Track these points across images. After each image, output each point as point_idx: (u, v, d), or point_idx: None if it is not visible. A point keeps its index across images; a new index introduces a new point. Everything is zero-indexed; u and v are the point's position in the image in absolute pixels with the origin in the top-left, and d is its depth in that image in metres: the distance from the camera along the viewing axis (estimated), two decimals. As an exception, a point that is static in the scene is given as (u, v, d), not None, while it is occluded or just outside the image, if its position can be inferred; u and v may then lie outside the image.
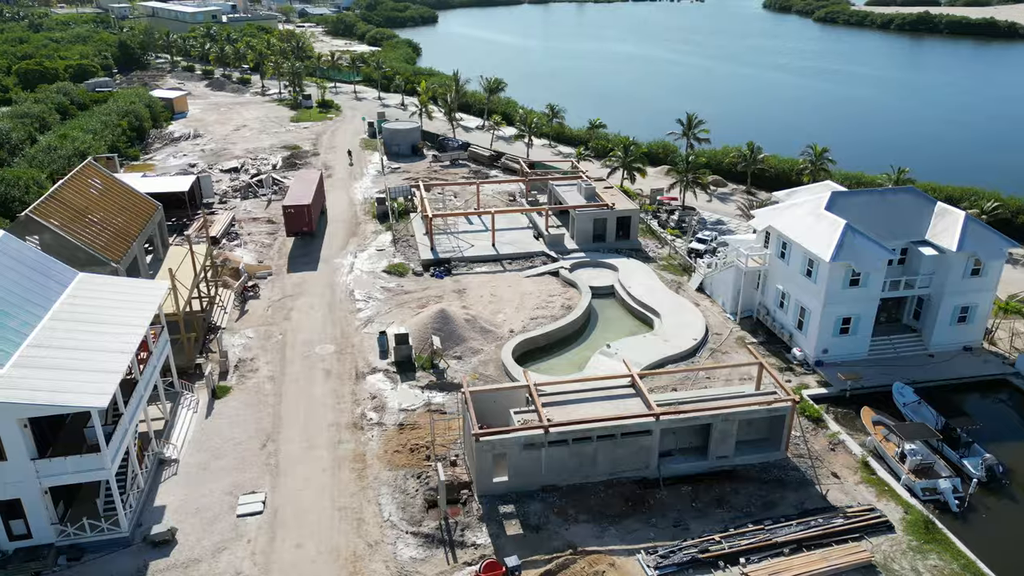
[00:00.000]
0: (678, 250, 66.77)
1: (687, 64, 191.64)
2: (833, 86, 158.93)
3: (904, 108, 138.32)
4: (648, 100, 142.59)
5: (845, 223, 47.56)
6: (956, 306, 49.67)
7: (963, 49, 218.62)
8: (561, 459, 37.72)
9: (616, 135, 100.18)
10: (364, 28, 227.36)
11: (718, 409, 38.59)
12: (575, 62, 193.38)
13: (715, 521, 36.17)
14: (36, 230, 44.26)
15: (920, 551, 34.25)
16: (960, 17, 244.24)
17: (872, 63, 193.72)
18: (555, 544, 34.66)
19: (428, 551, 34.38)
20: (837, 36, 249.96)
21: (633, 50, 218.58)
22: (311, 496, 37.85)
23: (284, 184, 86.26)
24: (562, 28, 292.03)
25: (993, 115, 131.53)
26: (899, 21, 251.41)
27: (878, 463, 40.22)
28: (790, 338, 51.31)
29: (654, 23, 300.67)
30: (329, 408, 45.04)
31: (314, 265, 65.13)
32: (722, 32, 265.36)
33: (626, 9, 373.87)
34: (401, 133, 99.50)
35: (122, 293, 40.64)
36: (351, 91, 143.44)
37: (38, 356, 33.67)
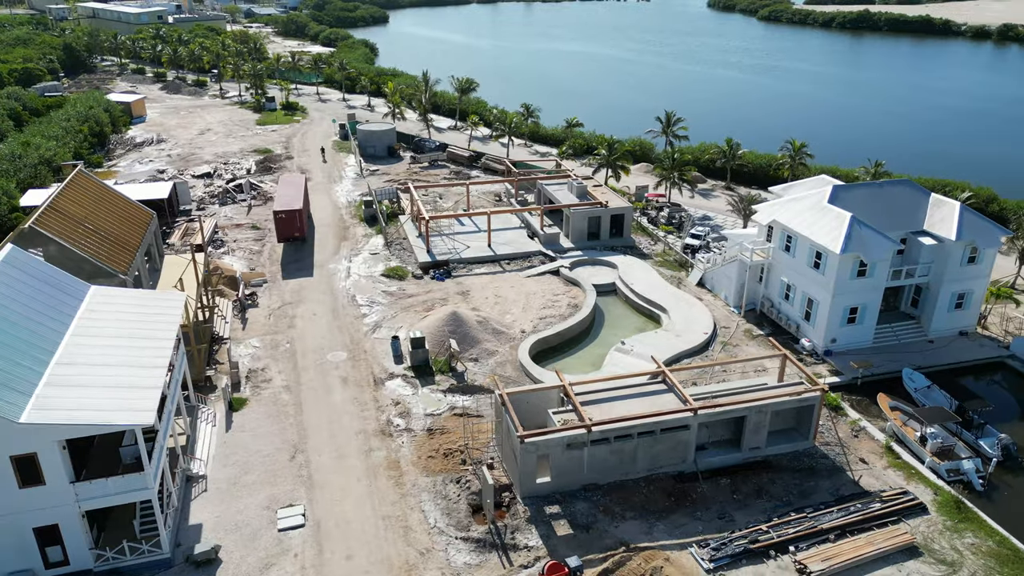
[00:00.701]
0: (672, 246, 67.66)
1: (643, 63, 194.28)
2: (785, 83, 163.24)
3: (853, 103, 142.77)
4: (611, 98, 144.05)
5: (851, 215, 48.94)
6: (954, 293, 51.63)
7: (903, 46, 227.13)
8: (602, 457, 37.86)
9: (592, 133, 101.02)
10: (317, 28, 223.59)
11: (752, 401, 39.28)
12: (534, 61, 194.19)
13: (757, 511, 36.82)
14: (40, 242, 42.22)
15: (955, 530, 35.51)
16: (898, 15, 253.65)
17: (819, 60, 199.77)
18: (607, 542, 34.78)
19: (481, 556, 34.09)
20: (782, 34, 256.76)
21: (588, 49, 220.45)
22: (351, 506, 37.12)
23: (263, 189, 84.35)
24: (514, 28, 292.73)
25: (941, 108, 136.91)
26: (840, 19, 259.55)
27: (900, 447, 41.55)
28: (797, 329, 52.54)
29: (604, 22, 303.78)
30: (353, 416, 44.23)
31: (309, 271, 63.84)
32: (671, 31, 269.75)
33: (573, 8, 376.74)
34: (376, 135, 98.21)
35: (141, 306, 39.15)
36: (313, 93, 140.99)
37: (69, 374, 32.19)
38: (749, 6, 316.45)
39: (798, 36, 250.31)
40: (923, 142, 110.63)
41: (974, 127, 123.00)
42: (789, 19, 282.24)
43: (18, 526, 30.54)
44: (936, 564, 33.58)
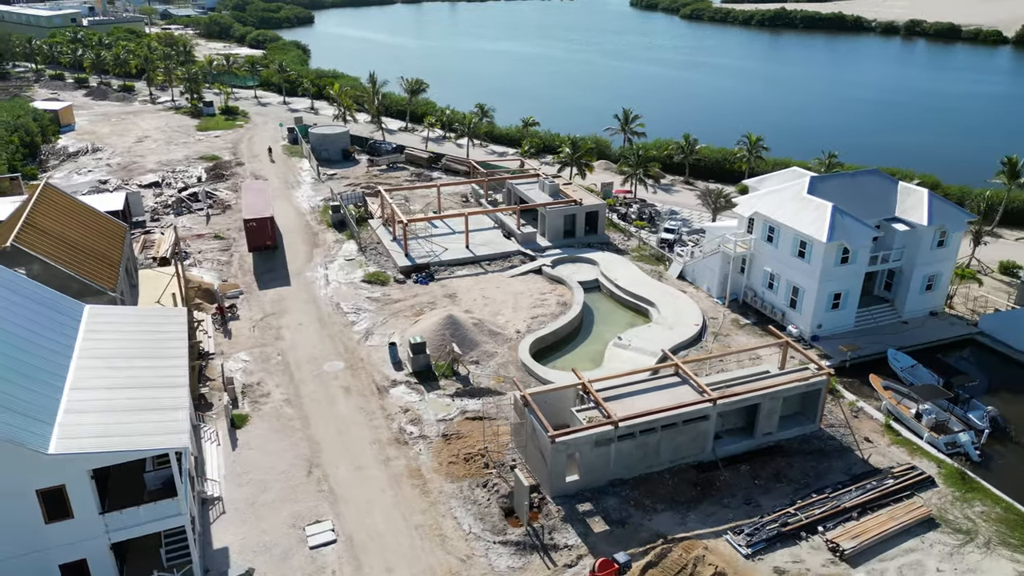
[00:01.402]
0: (646, 241, 68.81)
1: (579, 61, 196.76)
2: (719, 79, 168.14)
3: (785, 97, 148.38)
4: (555, 97, 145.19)
5: (832, 205, 50.92)
6: (925, 275, 54.40)
7: (819, 42, 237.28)
8: (628, 452, 38.24)
9: (547, 132, 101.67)
10: (242, 30, 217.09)
11: (766, 388, 40.41)
12: (470, 61, 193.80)
13: (780, 495, 37.93)
14: (23, 261, 39.48)
15: (964, 500, 37.49)
16: (812, 12, 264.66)
17: (746, 56, 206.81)
18: (643, 536, 35.18)
19: (523, 558, 33.93)
20: (705, 32, 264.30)
21: (522, 48, 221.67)
22: (380, 518, 36.33)
23: (219, 197, 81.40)
24: (442, 27, 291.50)
25: (863, 100, 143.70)
26: (759, 17, 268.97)
27: (898, 425, 43.53)
28: (783, 316, 54.30)
29: (530, 21, 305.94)
30: (363, 426, 43.25)
31: (286, 280, 61.99)
32: (599, 29, 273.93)
33: (498, 8, 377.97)
34: (330, 138, 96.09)
35: (142, 323, 37.23)
36: (251, 96, 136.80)
37: (87, 400, 30.35)
38: (671, 5, 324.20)
39: (721, 34, 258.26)
40: (856, 134, 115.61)
41: (897, 118, 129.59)
42: (711, 17, 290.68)
43: (44, 564, 28.62)
44: (954, 533, 35.37)
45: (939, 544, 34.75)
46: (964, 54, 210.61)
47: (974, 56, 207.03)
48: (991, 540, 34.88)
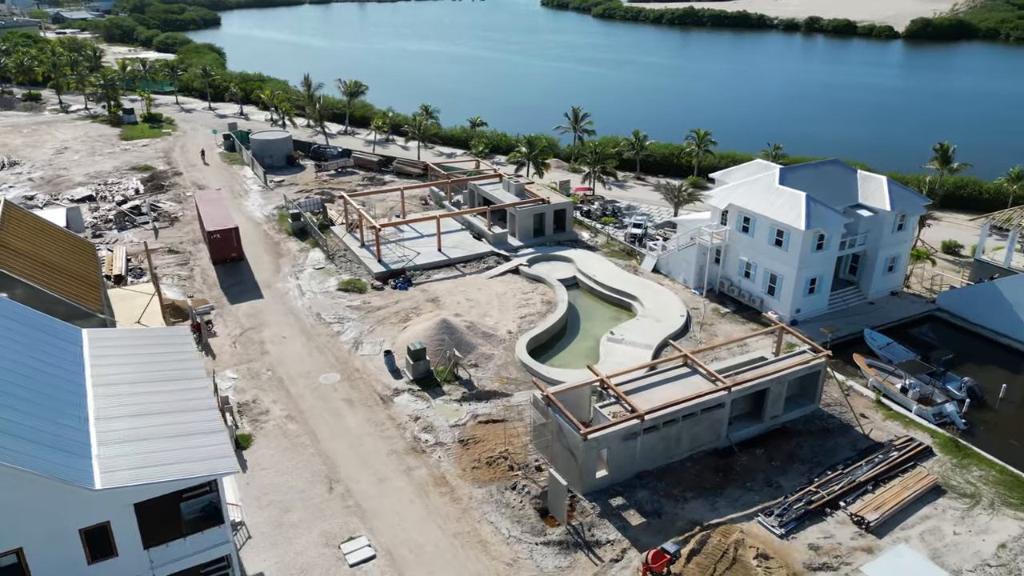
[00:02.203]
0: (614, 237, 69.92)
1: (504, 61, 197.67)
2: (643, 76, 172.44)
3: (710, 92, 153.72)
4: (490, 96, 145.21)
5: (805, 195, 53.20)
6: (887, 258, 57.58)
7: (726, 39, 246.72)
8: (651, 444, 38.89)
9: (494, 132, 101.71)
10: (147, 33, 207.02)
11: (775, 373, 41.89)
12: (394, 61, 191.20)
13: (797, 475, 39.42)
14: (6, 285, 36.41)
15: (962, 466, 39.99)
16: (719, 11, 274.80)
17: (664, 53, 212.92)
18: (680, 524, 35.86)
19: (569, 557, 34.00)
20: (619, 31, 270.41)
21: (443, 48, 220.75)
22: (416, 529, 35.61)
23: (164, 209, 77.51)
24: (357, 28, 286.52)
25: (778, 93, 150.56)
26: (669, 16, 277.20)
27: (887, 400, 45.96)
28: (761, 303, 56.31)
29: (445, 21, 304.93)
30: (375, 437, 42.23)
31: (256, 292, 59.69)
32: (516, 29, 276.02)
33: (408, 7, 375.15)
34: (272, 144, 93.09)
35: (148, 346, 35.08)
36: (172, 102, 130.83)
37: (117, 429, 28.39)
38: (582, 4, 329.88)
39: (634, 32, 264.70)
40: (782, 125, 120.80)
41: (812, 109, 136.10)
42: (622, 16, 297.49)
43: (87, 608, 26.65)
44: (960, 498, 37.69)
45: (950, 509, 36.96)
46: (861, 49, 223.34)
47: (869, 50, 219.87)
48: (994, 501, 37.35)
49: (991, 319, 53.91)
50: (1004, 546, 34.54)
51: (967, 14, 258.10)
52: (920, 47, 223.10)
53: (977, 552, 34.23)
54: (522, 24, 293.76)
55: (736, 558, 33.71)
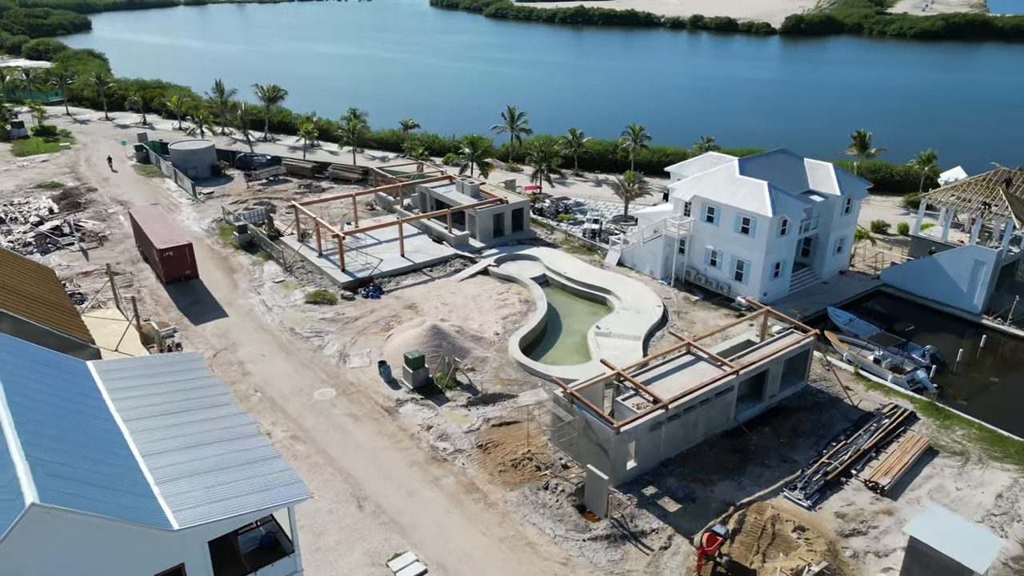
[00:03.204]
0: (572, 233, 70.86)
1: (408, 62, 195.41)
2: (549, 74, 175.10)
3: (606, 88, 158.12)
4: (404, 97, 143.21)
5: (767, 183, 55.93)
6: (836, 239, 61.39)
7: (616, 36, 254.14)
8: (673, 432, 39.90)
9: (424, 133, 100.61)
10: (13, 39, 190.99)
11: (773, 355, 43.87)
12: (299, 64, 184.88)
13: (806, 448, 41.52)
14: None
15: (945, 427, 43.34)
16: (608, 9, 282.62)
17: (561, 52, 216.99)
18: (714, 507, 37.02)
19: (619, 549, 34.43)
20: (513, 30, 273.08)
21: (341, 50, 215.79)
22: (460, 538, 35.02)
23: (89, 230, 72.01)
24: (239, 29, 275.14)
25: (681, 88, 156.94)
26: (561, 15, 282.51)
27: (863, 372, 49.10)
28: (728, 289, 58.68)
29: (336, 22, 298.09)
30: (391, 450, 41.11)
31: (219, 311, 56.60)
32: (411, 29, 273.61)
33: (291, 9, 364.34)
34: (196, 154, 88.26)
35: (162, 375, 32.65)
36: (63, 113, 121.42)
37: (170, 465, 26.37)
38: (472, 4, 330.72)
39: (529, 32, 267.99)
40: (694, 119, 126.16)
41: (719, 103, 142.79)
42: (515, 16, 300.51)
43: (161, 659, 24.63)
44: (952, 456, 40.85)
45: (947, 468, 40.00)
46: (744, 45, 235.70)
47: (753, 46, 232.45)
48: (982, 457, 40.73)
49: (933, 290, 58.55)
50: (1001, 496, 37.77)
51: (832, 10, 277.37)
52: (796, 42, 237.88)
53: (980, 504, 37.25)
54: (416, 24, 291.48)
55: (775, 533, 35.18)
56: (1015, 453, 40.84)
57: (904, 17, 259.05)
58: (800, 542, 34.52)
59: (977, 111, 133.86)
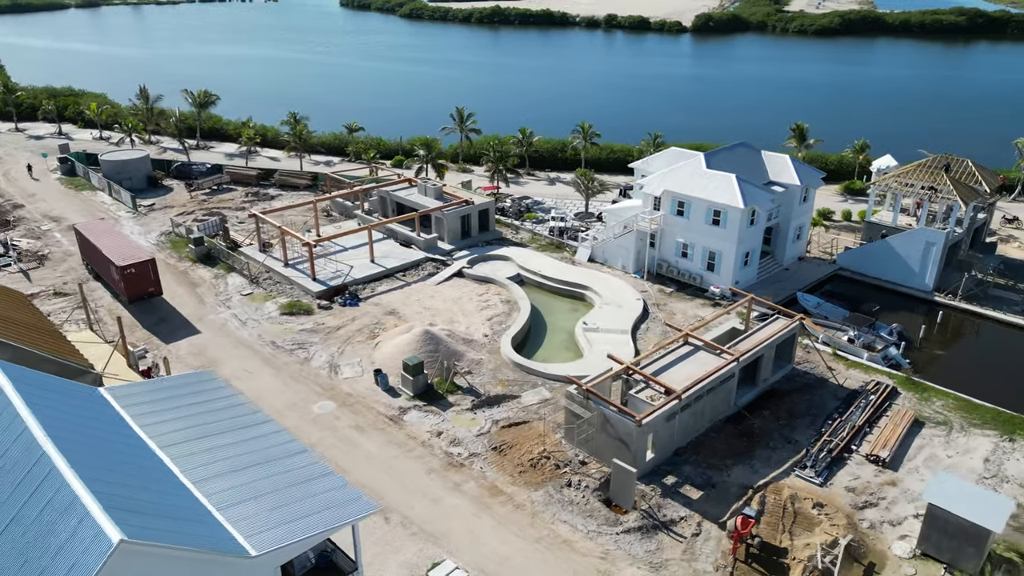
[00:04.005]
0: (538, 232, 71.20)
1: (329, 63, 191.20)
2: (474, 74, 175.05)
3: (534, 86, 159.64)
4: (334, 101, 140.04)
5: (735, 176, 57.88)
6: (795, 227, 64.12)
7: (533, 35, 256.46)
8: (685, 421, 40.84)
9: (368, 136, 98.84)
10: None
11: (766, 340, 45.48)
12: (208, 68, 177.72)
13: (804, 428, 43.27)
14: None
15: (925, 399, 46.04)
16: (524, 9, 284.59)
17: (483, 52, 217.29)
18: (734, 491, 38.13)
19: (653, 540, 35.00)
20: (431, 31, 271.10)
21: (264, 52, 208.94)
22: (494, 542, 34.77)
23: (25, 249, 67.31)
24: (139, 32, 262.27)
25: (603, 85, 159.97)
26: (477, 15, 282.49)
27: (841, 352, 51.54)
28: (700, 280, 60.38)
29: (244, 23, 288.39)
30: (405, 459, 40.36)
31: (190, 328, 54.06)
32: (326, 30, 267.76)
33: (191, 11, 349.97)
34: (130, 165, 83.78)
35: (181, 396, 30.96)
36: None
37: (225, 489, 25.12)
38: (385, 4, 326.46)
39: (446, 32, 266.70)
40: (626, 115, 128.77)
41: (642, 101, 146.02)
42: (430, 16, 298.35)
43: None
44: (938, 426, 43.46)
45: (935, 437, 42.53)
46: (659, 43, 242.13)
47: (668, 44, 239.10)
48: (963, 425, 43.51)
49: (887, 271, 62.00)
50: (988, 460, 40.48)
51: (736, 8, 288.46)
52: (707, 39, 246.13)
53: (971, 469, 39.82)
54: (330, 25, 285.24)
55: (796, 511, 36.58)
56: (991, 419, 43.82)
57: (802, 15, 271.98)
58: (821, 518, 36.03)
59: (884, 102, 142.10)
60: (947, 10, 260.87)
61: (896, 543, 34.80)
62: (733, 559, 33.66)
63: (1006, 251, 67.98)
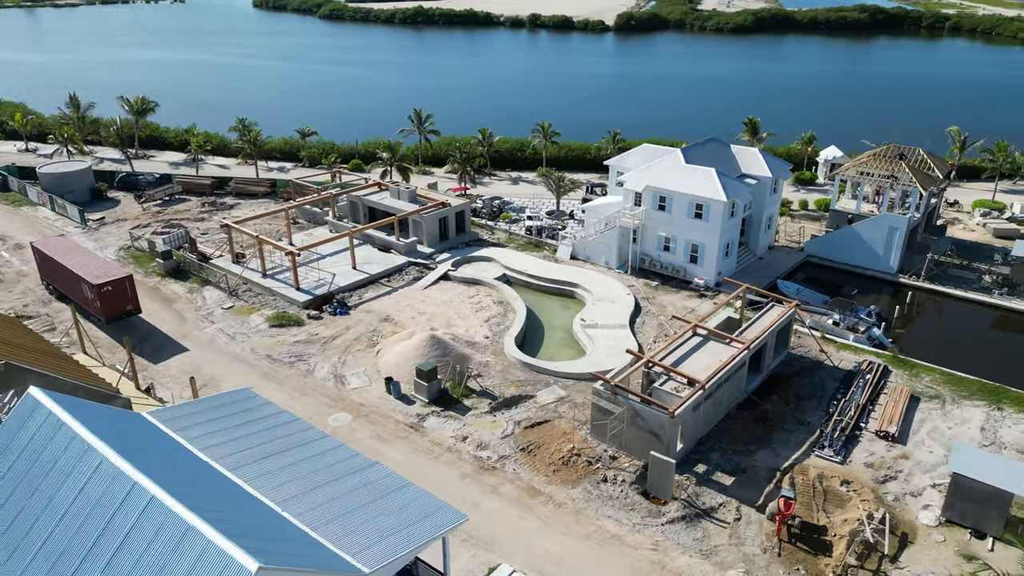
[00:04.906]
0: (515, 232, 71.27)
1: (259, 67, 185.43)
2: (406, 75, 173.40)
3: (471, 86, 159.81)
4: (271, 104, 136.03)
5: (714, 170, 59.53)
6: (767, 217, 66.49)
7: (458, 36, 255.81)
8: (707, 410, 41.83)
9: (320, 140, 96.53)
10: None
11: (770, 328, 47.02)
12: (126, 73, 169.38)
13: (814, 410, 44.97)
14: (18, 380, 27.77)
15: (915, 376, 48.61)
16: (447, 9, 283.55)
17: (410, 53, 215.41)
18: (763, 474, 39.32)
19: (698, 527, 35.71)
20: (353, 32, 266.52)
21: (176, 56, 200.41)
22: (545, 542, 34.75)
23: (-29, 268, 62.70)
24: (37, 36, 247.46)
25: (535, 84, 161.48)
26: (400, 15, 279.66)
27: (829, 335, 53.81)
28: (683, 273, 61.82)
29: (151, 26, 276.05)
30: (435, 466, 39.79)
31: (176, 346, 51.64)
32: (244, 32, 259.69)
33: (90, 13, 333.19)
34: (71, 177, 79.16)
35: (228, 416, 29.76)
36: None
37: (310, 509, 24.31)
38: (302, 5, 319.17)
39: (370, 33, 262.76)
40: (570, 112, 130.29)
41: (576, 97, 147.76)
42: (351, 17, 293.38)
43: None
44: (931, 400, 45.98)
45: (932, 411, 44.98)
46: (584, 41, 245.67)
47: (588, 43, 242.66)
48: (954, 398, 46.18)
49: (853, 256, 65.09)
50: (983, 429, 43.13)
51: (655, 7, 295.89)
52: (629, 38, 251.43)
53: (972, 438, 42.32)
54: (247, 27, 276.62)
55: (826, 489, 38.04)
56: (977, 391, 46.67)
57: (717, 13, 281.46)
58: (851, 494, 37.59)
59: (805, 97, 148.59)
60: (850, 7, 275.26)
61: (921, 513, 36.67)
62: (779, 540, 34.74)
63: (953, 233, 72.40)
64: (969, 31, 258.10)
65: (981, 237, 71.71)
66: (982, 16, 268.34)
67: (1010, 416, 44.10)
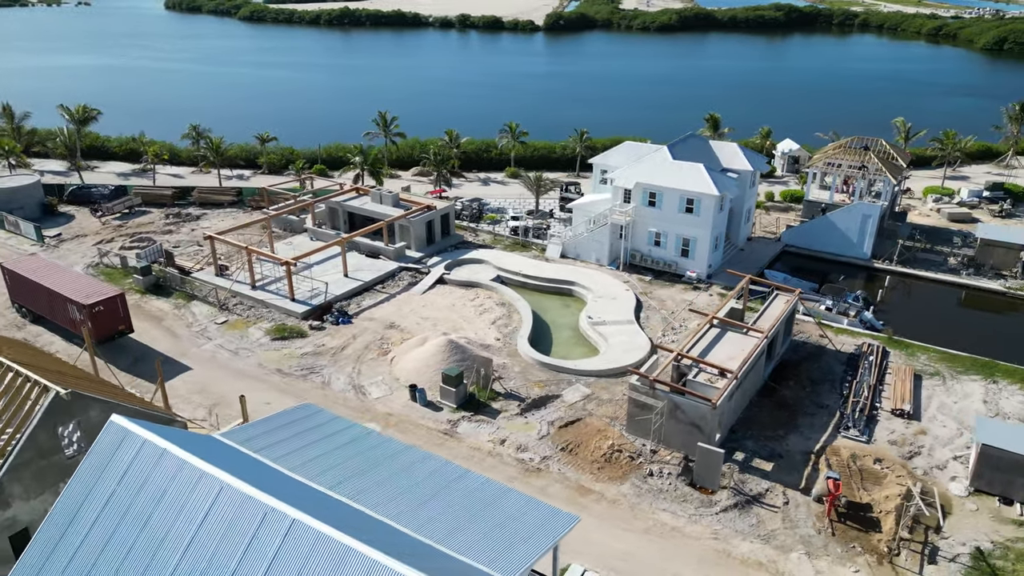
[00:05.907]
0: (500, 232, 71.06)
1: (182, 71, 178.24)
2: (338, 78, 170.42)
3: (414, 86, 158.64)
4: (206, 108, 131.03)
5: (703, 165, 60.96)
6: (747, 209, 68.54)
7: (387, 37, 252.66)
8: (737, 399, 42.86)
9: (278, 146, 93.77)
10: None
11: (782, 315, 48.51)
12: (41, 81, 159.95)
13: (829, 392, 46.67)
14: (81, 407, 25.72)
15: (912, 355, 51.12)
16: (375, 10, 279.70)
17: (339, 54, 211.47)
18: (798, 458, 40.58)
19: (751, 514, 36.56)
20: (277, 34, 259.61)
21: (102, 61, 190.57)
22: (607, 540, 34.88)
23: (-74, 293, 58.05)
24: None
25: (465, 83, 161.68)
26: (326, 16, 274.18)
27: (825, 321, 55.92)
28: (675, 267, 63.05)
29: (56, 30, 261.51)
30: (479, 471, 38.77)
31: (176, 366, 49.20)
32: (160, 35, 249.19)
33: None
34: (19, 192, 74.27)
35: (303, 433, 28.65)
36: None
37: (425, 523, 23.71)
38: (219, 7, 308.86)
39: (296, 35, 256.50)
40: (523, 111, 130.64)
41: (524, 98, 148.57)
42: (274, 18, 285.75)
43: None
44: (932, 377, 48.46)
45: (936, 387, 47.39)
46: (515, 41, 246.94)
47: (519, 43, 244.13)
48: (953, 374, 48.81)
49: (828, 244, 67.87)
50: (986, 401, 45.76)
51: (580, 7, 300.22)
52: (559, 37, 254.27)
53: (977, 411, 44.81)
54: (162, 30, 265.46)
55: (860, 468, 39.58)
56: (971, 366, 49.46)
57: (643, 12, 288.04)
58: (886, 471, 39.23)
59: (741, 92, 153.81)
60: (767, 6, 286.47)
61: (951, 484, 38.64)
62: (830, 520, 35.95)
63: (911, 219, 76.39)
64: (876, 27, 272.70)
65: (936, 222, 75.96)
66: (887, 13, 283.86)
67: (1006, 388, 46.92)
